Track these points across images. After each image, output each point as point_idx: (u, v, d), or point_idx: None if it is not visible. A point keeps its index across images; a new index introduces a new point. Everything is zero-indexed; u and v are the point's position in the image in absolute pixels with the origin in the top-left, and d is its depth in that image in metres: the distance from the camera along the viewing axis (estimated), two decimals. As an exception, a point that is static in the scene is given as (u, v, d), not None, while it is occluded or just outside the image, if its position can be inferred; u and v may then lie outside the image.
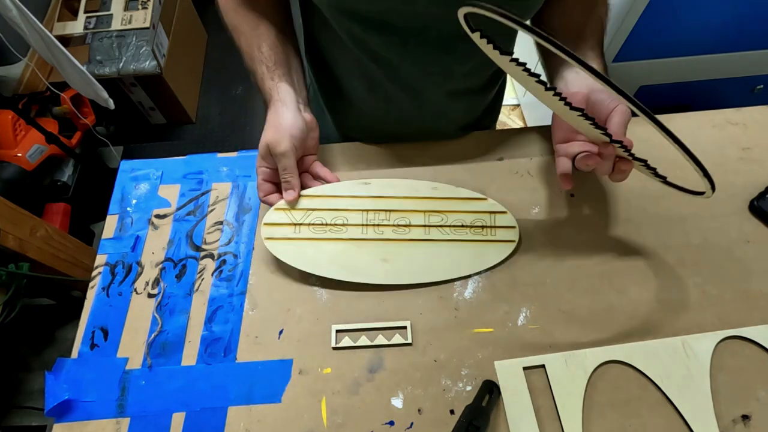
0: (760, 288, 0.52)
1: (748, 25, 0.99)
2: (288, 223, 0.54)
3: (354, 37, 0.53)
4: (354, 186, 0.56)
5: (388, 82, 0.58)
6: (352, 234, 0.54)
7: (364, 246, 0.53)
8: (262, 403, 0.47)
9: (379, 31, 0.51)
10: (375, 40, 0.52)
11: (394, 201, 0.55)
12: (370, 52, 0.54)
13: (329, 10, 0.51)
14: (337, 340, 0.50)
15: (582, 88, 0.50)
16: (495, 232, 0.55)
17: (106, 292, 0.54)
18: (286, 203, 0.54)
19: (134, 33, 1.56)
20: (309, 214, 0.54)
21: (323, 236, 0.53)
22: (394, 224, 0.54)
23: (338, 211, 0.55)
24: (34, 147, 1.33)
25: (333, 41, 0.57)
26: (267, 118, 0.54)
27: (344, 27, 0.52)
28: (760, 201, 0.56)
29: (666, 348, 0.48)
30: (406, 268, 0.53)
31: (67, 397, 0.48)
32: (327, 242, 0.53)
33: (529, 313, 0.51)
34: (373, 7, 0.49)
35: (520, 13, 0.51)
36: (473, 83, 0.60)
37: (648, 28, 0.96)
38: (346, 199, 0.55)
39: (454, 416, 0.46)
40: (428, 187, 0.56)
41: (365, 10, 0.49)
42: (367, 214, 0.55)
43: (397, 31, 0.51)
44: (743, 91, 1.19)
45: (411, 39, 0.52)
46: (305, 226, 0.54)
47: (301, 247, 0.53)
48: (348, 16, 0.51)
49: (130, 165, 0.63)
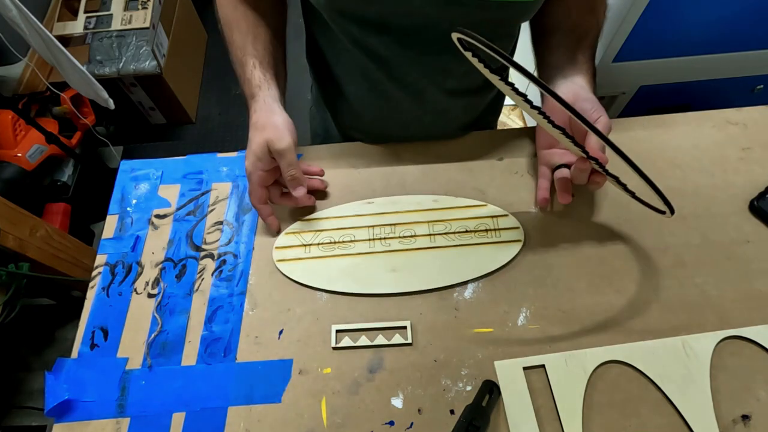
0: (760, 288, 0.52)
1: (748, 25, 0.99)
2: (298, 244, 0.56)
3: (352, 38, 0.53)
4: (358, 206, 0.58)
5: (387, 82, 0.58)
6: (360, 249, 0.55)
7: (372, 259, 0.54)
8: (262, 403, 0.47)
9: (377, 31, 0.51)
10: (373, 40, 0.52)
11: (398, 215, 0.57)
12: (368, 52, 0.54)
13: (327, 12, 0.51)
14: (337, 340, 0.50)
15: (568, 96, 0.51)
16: (500, 234, 0.55)
17: (106, 292, 0.54)
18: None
19: (134, 33, 1.56)
20: (318, 234, 0.56)
21: (332, 253, 0.55)
22: (400, 236, 0.56)
23: (345, 230, 0.56)
24: (34, 147, 1.33)
25: (332, 42, 0.57)
26: (255, 116, 0.53)
27: (342, 28, 0.53)
28: (760, 201, 0.56)
29: (666, 348, 0.48)
30: (415, 276, 0.53)
31: (67, 397, 0.48)
32: (337, 258, 0.54)
33: (529, 313, 0.51)
34: (369, 8, 0.49)
35: (520, 13, 0.51)
36: (473, 82, 0.60)
37: (648, 28, 0.96)
38: (352, 218, 0.57)
39: (454, 416, 0.46)
40: (429, 199, 0.58)
41: (362, 12, 0.49)
42: (374, 230, 0.56)
43: (394, 31, 0.51)
44: (743, 91, 1.19)
45: (408, 39, 0.52)
46: (315, 245, 0.55)
47: (311, 265, 0.54)
48: (345, 18, 0.51)
49: (130, 165, 0.63)
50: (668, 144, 0.62)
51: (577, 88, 0.51)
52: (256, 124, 0.52)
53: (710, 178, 0.59)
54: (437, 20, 0.49)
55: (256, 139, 0.51)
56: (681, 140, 0.63)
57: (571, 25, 0.55)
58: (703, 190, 0.59)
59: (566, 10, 0.56)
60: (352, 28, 0.52)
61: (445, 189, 0.59)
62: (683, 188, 0.59)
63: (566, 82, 0.52)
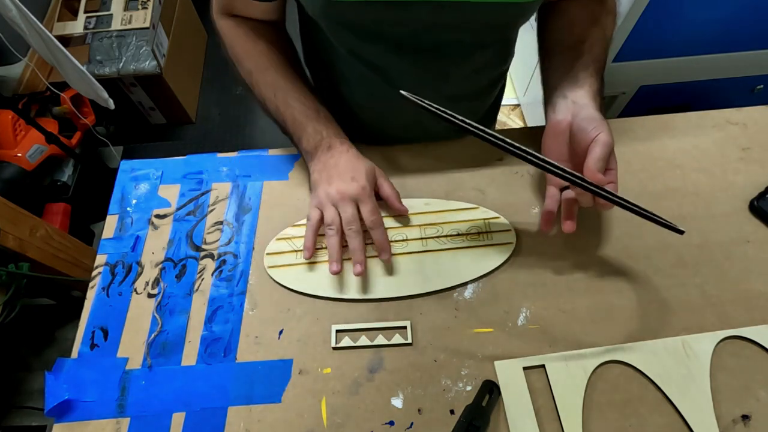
0: (760, 288, 0.52)
1: (748, 25, 0.99)
2: (289, 250, 0.55)
3: (349, 47, 0.53)
4: None
5: (385, 88, 0.57)
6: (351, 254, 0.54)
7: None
8: (262, 403, 0.47)
9: (373, 40, 0.51)
10: (370, 49, 0.52)
11: (389, 219, 0.57)
12: (366, 60, 0.54)
13: (322, 21, 0.51)
14: (337, 340, 0.50)
15: (567, 115, 0.50)
16: (492, 237, 0.55)
17: (106, 292, 0.54)
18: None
19: (134, 33, 1.56)
20: None
21: (323, 259, 0.54)
22: (392, 240, 0.55)
23: None
24: (34, 147, 1.33)
25: (329, 50, 0.57)
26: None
27: (338, 37, 0.52)
28: (760, 201, 0.56)
29: (666, 348, 0.48)
30: (408, 280, 0.53)
31: (67, 397, 0.48)
32: (327, 264, 0.54)
33: (529, 313, 0.51)
34: (365, 17, 0.48)
35: (516, 15, 0.50)
36: (474, 86, 0.60)
37: (648, 28, 0.96)
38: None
39: (454, 416, 0.46)
40: (421, 203, 0.58)
41: (358, 21, 0.49)
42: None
43: (391, 39, 0.51)
44: (743, 91, 1.19)
45: (404, 46, 0.51)
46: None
47: (302, 271, 0.54)
48: (341, 27, 0.51)
49: (130, 165, 0.63)
50: (668, 144, 0.62)
51: (574, 108, 0.49)
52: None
53: (710, 178, 0.59)
54: (432, 26, 0.49)
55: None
56: (681, 140, 0.63)
57: (574, 42, 0.54)
58: (703, 190, 0.59)
59: (568, 25, 0.54)
60: (349, 38, 0.51)
61: (445, 189, 0.59)
62: (683, 188, 0.59)
63: (564, 101, 0.51)
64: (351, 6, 0.46)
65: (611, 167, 0.47)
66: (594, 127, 0.46)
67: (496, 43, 0.54)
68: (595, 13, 0.54)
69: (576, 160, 0.49)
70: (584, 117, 0.48)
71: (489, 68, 0.58)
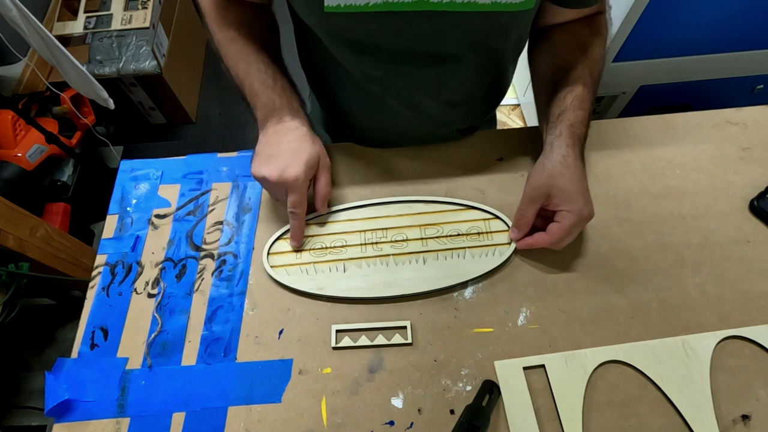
0: (760, 288, 0.52)
1: (748, 25, 0.99)
2: (289, 250, 0.55)
3: (345, 57, 0.53)
4: (349, 211, 0.58)
5: (384, 97, 0.57)
6: (351, 254, 0.55)
7: (364, 263, 0.54)
8: (262, 403, 0.47)
9: (369, 50, 0.51)
10: (366, 58, 0.52)
11: (389, 220, 0.57)
12: (362, 70, 0.54)
13: (320, 33, 0.51)
14: (337, 340, 0.50)
15: (542, 182, 0.50)
16: (492, 237, 0.55)
17: (106, 292, 0.54)
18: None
19: (134, 33, 1.56)
20: (309, 240, 0.56)
21: (324, 259, 0.54)
22: (392, 240, 0.55)
23: (336, 235, 0.56)
24: (34, 147, 1.32)
25: (327, 59, 0.56)
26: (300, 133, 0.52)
27: (335, 47, 0.52)
28: (760, 201, 0.56)
29: (666, 348, 0.48)
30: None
31: (67, 397, 0.48)
32: (328, 264, 0.54)
33: (529, 313, 0.51)
34: (359, 28, 0.48)
35: (510, 23, 0.49)
36: (472, 91, 0.59)
37: (648, 28, 0.96)
38: (343, 223, 0.57)
39: (454, 416, 0.46)
40: (421, 203, 0.58)
41: (353, 32, 0.49)
42: (365, 234, 0.56)
43: (386, 49, 0.50)
44: (743, 91, 1.19)
45: (401, 55, 0.51)
46: (306, 251, 0.55)
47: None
48: (336, 37, 0.50)
49: (130, 165, 0.63)
50: (668, 144, 0.62)
51: (553, 171, 0.49)
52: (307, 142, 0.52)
53: (710, 178, 0.59)
54: (427, 33, 0.49)
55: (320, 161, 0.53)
56: (681, 140, 0.63)
57: (557, 77, 0.53)
58: (703, 190, 0.59)
59: (550, 55, 0.54)
60: (344, 48, 0.51)
61: (445, 189, 0.59)
62: (683, 188, 0.59)
63: (544, 158, 0.51)
64: (345, 17, 0.46)
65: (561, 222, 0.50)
66: (564, 200, 0.49)
67: (492, 49, 0.53)
68: (581, 38, 0.54)
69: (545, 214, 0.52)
70: (559, 186, 0.49)
71: (487, 74, 0.57)
